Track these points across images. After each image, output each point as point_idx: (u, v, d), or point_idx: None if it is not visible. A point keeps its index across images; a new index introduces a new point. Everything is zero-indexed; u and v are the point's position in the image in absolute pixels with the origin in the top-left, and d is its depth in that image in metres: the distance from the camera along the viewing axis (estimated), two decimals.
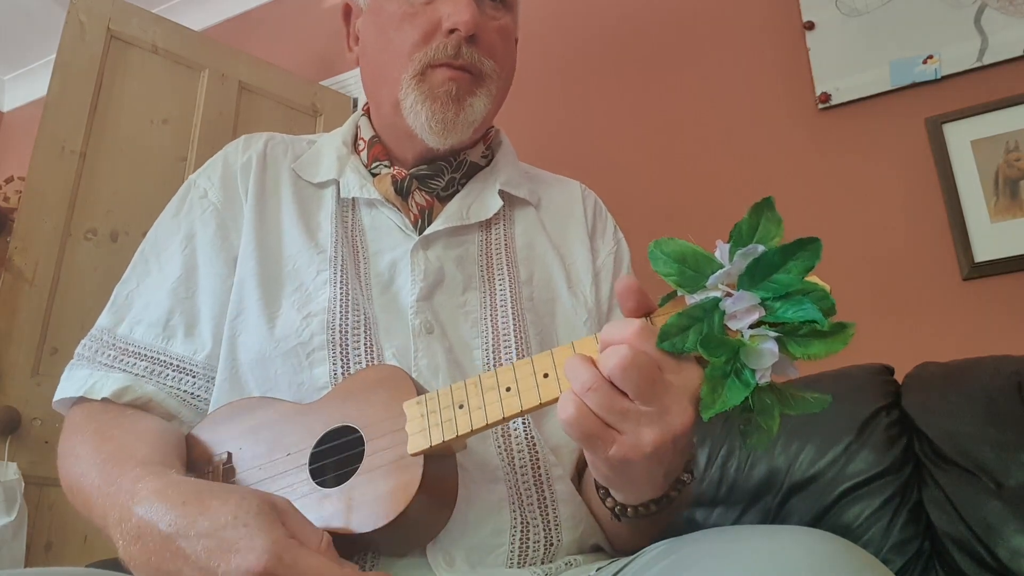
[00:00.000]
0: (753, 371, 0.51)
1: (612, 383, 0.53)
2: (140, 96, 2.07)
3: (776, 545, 0.50)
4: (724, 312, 0.53)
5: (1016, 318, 1.48)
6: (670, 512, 0.66)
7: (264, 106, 2.32)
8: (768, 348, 0.50)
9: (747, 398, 0.51)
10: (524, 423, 0.76)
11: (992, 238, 1.55)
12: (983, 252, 1.55)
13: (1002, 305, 1.51)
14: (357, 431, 0.67)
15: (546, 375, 0.59)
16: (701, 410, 0.52)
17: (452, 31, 0.79)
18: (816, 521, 1.12)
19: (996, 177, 1.58)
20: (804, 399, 0.52)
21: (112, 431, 0.72)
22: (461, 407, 0.61)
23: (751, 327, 0.52)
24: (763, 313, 0.51)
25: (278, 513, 0.58)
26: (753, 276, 0.51)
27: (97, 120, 1.97)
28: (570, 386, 0.55)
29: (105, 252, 1.91)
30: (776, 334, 0.51)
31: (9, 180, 2.69)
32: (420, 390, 0.66)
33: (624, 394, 0.53)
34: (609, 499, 0.65)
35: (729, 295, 0.53)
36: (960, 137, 1.63)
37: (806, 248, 0.51)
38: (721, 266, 0.53)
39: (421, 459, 0.62)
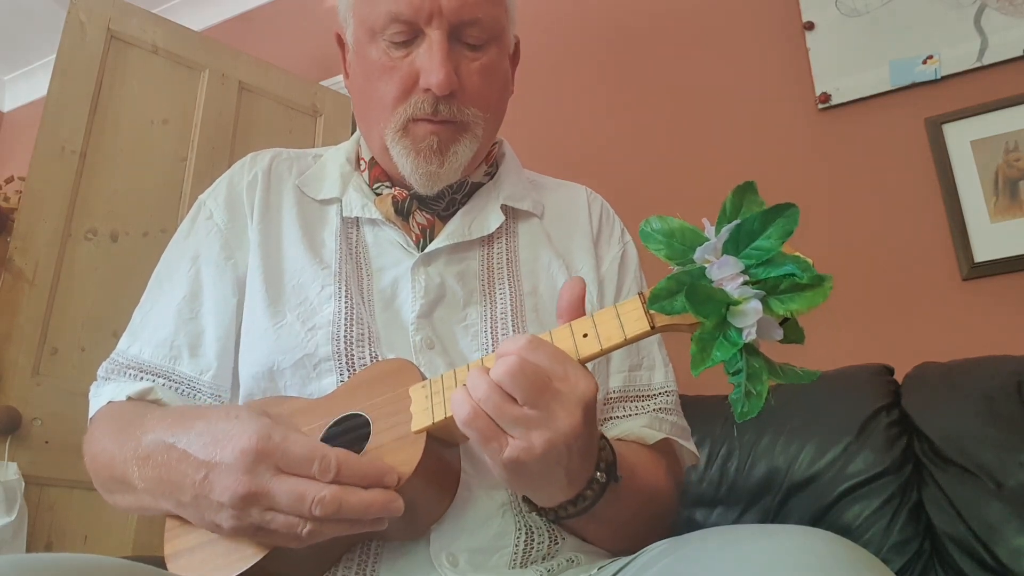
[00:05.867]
0: (740, 330, 0.53)
1: (504, 390, 0.58)
2: (140, 96, 2.07)
3: (777, 544, 0.51)
4: (711, 281, 0.55)
5: (1016, 318, 1.48)
6: (604, 512, 0.68)
7: (264, 106, 2.31)
8: (752, 306, 0.53)
9: (734, 356, 0.53)
10: None
11: (992, 238, 1.55)
12: (983, 252, 1.55)
13: (1002, 305, 1.51)
14: (364, 416, 0.68)
15: None
16: (691, 367, 0.54)
17: (428, 89, 0.79)
18: (816, 521, 1.12)
19: (996, 177, 1.58)
20: (793, 369, 0.54)
21: (131, 414, 0.77)
22: (465, 386, 0.64)
23: (736, 290, 0.54)
24: (747, 279, 0.54)
25: (265, 413, 0.65)
26: (736, 243, 0.54)
27: (97, 120, 1.97)
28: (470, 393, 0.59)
29: (105, 252, 1.91)
30: (759, 291, 0.53)
31: (9, 180, 2.69)
32: (425, 378, 0.68)
33: (514, 400, 0.58)
34: (529, 503, 0.68)
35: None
36: (960, 137, 1.63)
37: (784, 214, 0.53)
38: (708, 239, 0.55)
39: (423, 437, 0.64)
